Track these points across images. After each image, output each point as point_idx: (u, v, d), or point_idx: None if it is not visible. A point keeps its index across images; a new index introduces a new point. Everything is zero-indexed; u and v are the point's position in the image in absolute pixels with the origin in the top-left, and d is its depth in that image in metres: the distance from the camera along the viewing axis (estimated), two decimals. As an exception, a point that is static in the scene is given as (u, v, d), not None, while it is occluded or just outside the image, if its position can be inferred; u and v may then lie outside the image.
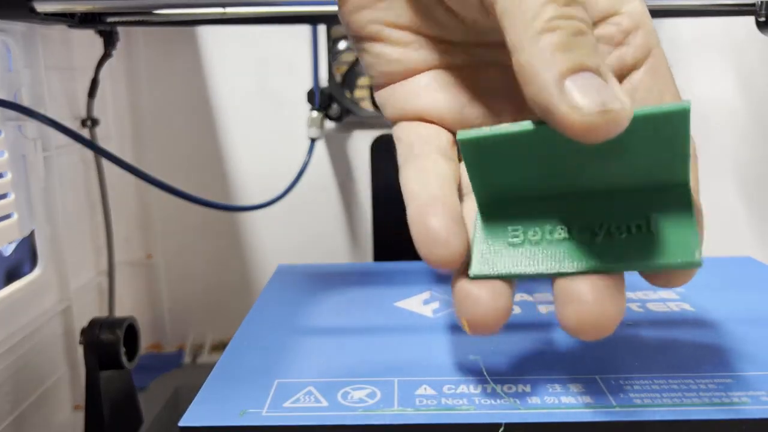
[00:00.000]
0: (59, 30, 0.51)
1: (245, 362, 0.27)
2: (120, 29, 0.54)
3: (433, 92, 0.23)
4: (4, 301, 0.43)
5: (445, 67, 0.23)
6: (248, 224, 0.67)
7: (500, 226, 0.21)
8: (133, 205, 0.65)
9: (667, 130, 0.18)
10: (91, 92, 0.54)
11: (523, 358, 0.26)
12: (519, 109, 0.22)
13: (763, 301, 0.33)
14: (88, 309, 0.55)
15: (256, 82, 0.65)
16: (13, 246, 0.47)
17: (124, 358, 0.41)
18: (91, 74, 0.54)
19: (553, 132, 0.18)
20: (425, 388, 0.24)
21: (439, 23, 0.22)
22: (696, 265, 0.19)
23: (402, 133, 0.23)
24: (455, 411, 0.22)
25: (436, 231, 0.19)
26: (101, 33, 0.52)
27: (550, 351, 0.27)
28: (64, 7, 0.41)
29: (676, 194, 0.20)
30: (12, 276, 0.48)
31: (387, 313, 0.32)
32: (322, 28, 0.62)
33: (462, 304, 0.20)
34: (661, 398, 0.23)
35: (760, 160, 0.62)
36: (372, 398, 0.23)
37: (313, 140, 0.63)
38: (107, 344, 0.40)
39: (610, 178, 0.20)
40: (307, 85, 0.63)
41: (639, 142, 0.19)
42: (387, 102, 0.24)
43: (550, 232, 0.21)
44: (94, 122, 0.55)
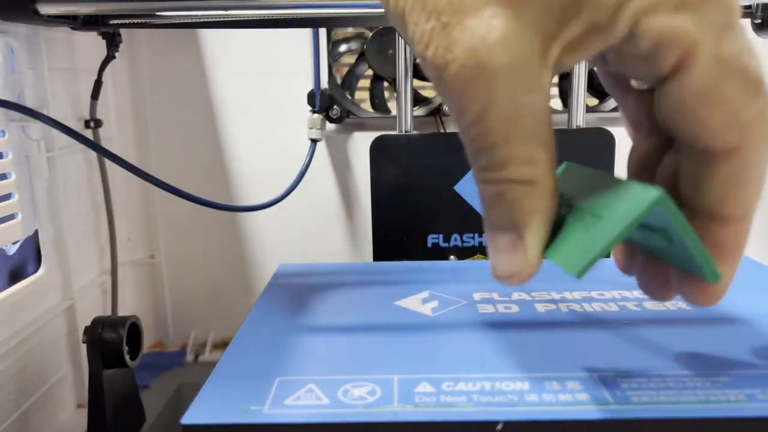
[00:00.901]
0: (62, 32, 0.51)
1: (247, 360, 0.27)
2: (123, 31, 0.54)
3: None
4: (8, 300, 0.44)
5: None
6: (249, 224, 0.68)
7: None
8: (136, 205, 0.65)
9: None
10: (95, 93, 0.54)
11: (521, 356, 0.27)
12: None
13: (761, 300, 0.33)
14: (92, 308, 0.55)
15: (257, 83, 0.65)
16: (17, 246, 0.48)
17: (126, 357, 0.41)
18: (94, 76, 0.54)
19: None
20: (425, 386, 0.24)
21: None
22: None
23: None
24: (454, 408, 0.23)
25: None
26: (104, 35, 0.53)
27: (549, 349, 0.28)
28: (67, 9, 0.42)
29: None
30: (16, 275, 0.48)
31: (387, 311, 0.33)
32: (322, 31, 0.62)
33: None
34: (658, 396, 0.23)
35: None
36: (372, 395, 0.24)
37: (313, 141, 0.64)
38: (110, 343, 0.40)
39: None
40: (308, 87, 0.64)
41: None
42: None
43: None
44: (98, 123, 0.55)
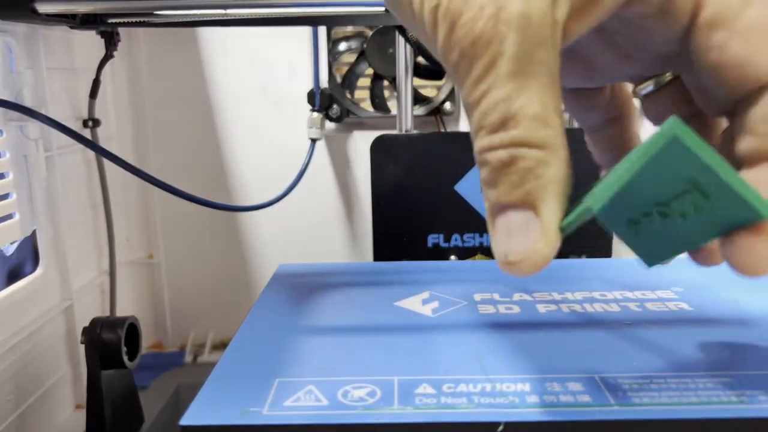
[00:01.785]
0: (61, 31, 0.51)
1: (246, 361, 0.27)
2: (121, 30, 0.54)
3: None
4: (6, 300, 0.43)
5: None
6: (249, 224, 0.67)
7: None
8: (135, 205, 0.65)
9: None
10: (93, 93, 0.54)
11: (522, 357, 0.26)
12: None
13: (761, 301, 0.33)
14: (90, 308, 0.55)
15: (256, 83, 0.65)
16: (15, 246, 0.48)
17: (125, 358, 0.41)
18: (92, 75, 0.54)
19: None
20: (425, 387, 0.24)
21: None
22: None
23: None
24: (455, 410, 0.23)
25: None
26: (102, 34, 0.53)
27: (550, 350, 0.27)
28: (65, 8, 0.41)
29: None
30: (14, 276, 0.48)
31: (387, 312, 0.33)
32: (322, 30, 0.62)
33: None
34: (660, 397, 0.23)
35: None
36: (372, 397, 0.24)
37: (313, 141, 0.63)
38: (109, 344, 0.40)
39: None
40: (308, 86, 0.64)
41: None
42: None
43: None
44: (96, 123, 0.55)
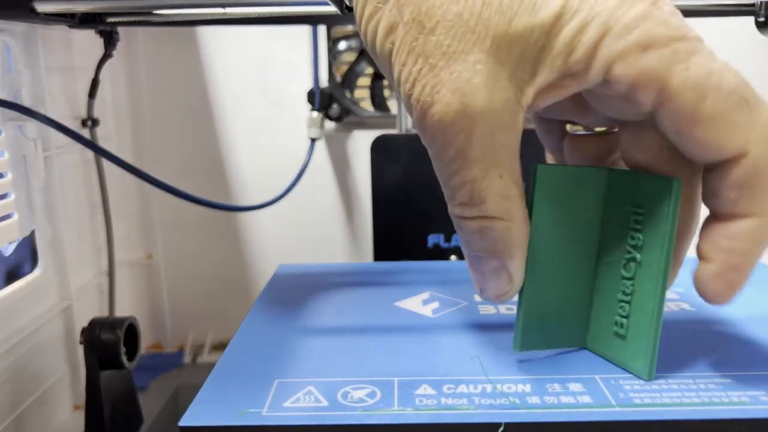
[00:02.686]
0: (60, 30, 0.51)
1: (245, 362, 0.27)
2: (120, 29, 0.54)
3: None
4: (5, 301, 0.43)
5: None
6: (248, 224, 0.67)
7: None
8: (134, 205, 0.65)
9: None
10: (92, 92, 0.54)
11: (523, 357, 0.26)
12: None
13: (762, 300, 0.33)
14: (89, 309, 0.55)
15: (256, 82, 0.65)
16: (13, 246, 0.47)
17: (124, 358, 0.41)
18: (91, 74, 0.54)
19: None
20: (425, 388, 0.24)
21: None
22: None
23: None
24: (455, 411, 0.22)
25: None
26: (101, 33, 0.52)
27: (550, 350, 0.27)
28: (64, 7, 0.41)
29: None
30: (12, 276, 0.48)
31: (387, 313, 0.32)
32: (322, 29, 0.62)
33: None
34: (661, 398, 0.23)
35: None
36: (372, 398, 0.23)
37: (313, 140, 0.63)
38: (107, 344, 0.40)
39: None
40: (308, 85, 0.63)
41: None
42: None
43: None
44: (95, 122, 0.55)
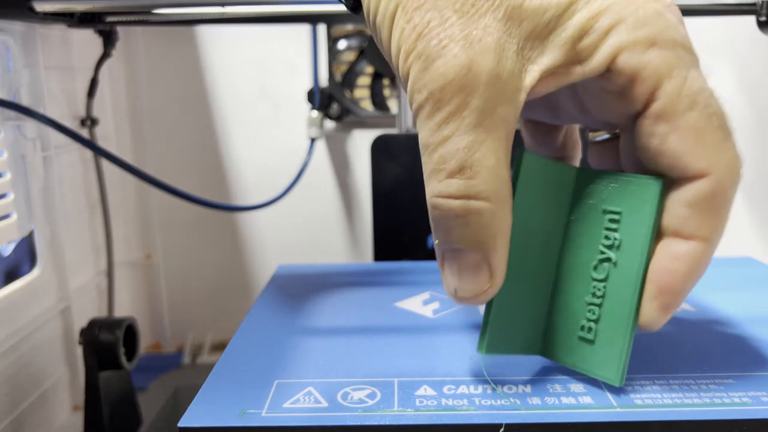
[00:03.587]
0: (58, 30, 0.51)
1: (245, 363, 0.27)
2: (119, 29, 0.54)
3: None
4: (3, 301, 0.43)
5: None
6: (248, 224, 0.67)
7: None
8: (133, 205, 0.65)
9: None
10: (91, 92, 0.54)
11: (523, 358, 0.26)
12: None
13: (763, 300, 0.33)
14: (88, 309, 0.55)
15: (255, 81, 0.64)
16: (12, 246, 0.47)
17: (123, 359, 0.40)
18: (90, 74, 0.54)
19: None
20: (425, 389, 0.24)
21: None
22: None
23: None
24: (455, 411, 0.22)
25: None
26: (100, 32, 0.52)
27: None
28: (63, 6, 0.41)
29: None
30: (11, 276, 0.48)
31: (387, 313, 0.32)
32: (322, 28, 0.62)
33: None
34: (662, 398, 0.23)
35: (760, 161, 0.62)
36: (372, 399, 0.23)
37: (313, 140, 0.63)
38: (106, 345, 0.40)
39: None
40: (307, 84, 0.63)
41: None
42: None
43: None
44: (94, 122, 0.55)
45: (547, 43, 0.20)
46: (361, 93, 0.65)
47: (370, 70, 0.63)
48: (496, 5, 0.19)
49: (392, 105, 0.65)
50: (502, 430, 0.22)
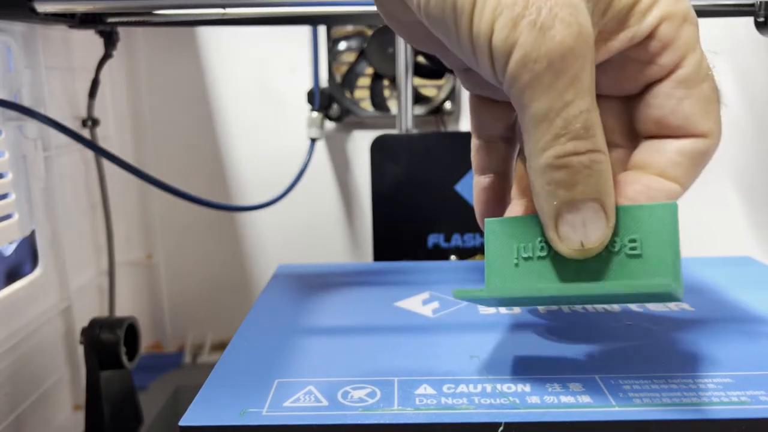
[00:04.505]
0: (60, 30, 0.51)
1: (245, 362, 0.27)
2: (120, 29, 0.54)
3: None
4: (5, 301, 0.43)
5: None
6: (248, 224, 0.67)
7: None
8: (134, 205, 0.65)
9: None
10: (92, 92, 0.54)
11: (522, 357, 0.26)
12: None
13: (762, 300, 0.33)
14: (89, 309, 0.55)
15: (256, 82, 0.65)
16: (13, 246, 0.47)
17: (124, 358, 0.41)
18: (91, 74, 0.54)
19: None
20: (425, 388, 0.24)
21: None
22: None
23: None
24: (455, 410, 0.22)
25: None
26: (101, 33, 0.52)
27: (550, 350, 0.27)
28: (64, 7, 0.41)
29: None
30: (12, 276, 0.48)
31: (387, 313, 0.32)
32: (322, 29, 0.62)
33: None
34: (661, 398, 0.23)
35: (759, 161, 0.62)
36: (372, 398, 0.23)
37: (313, 140, 0.63)
38: (107, 344, 0.40)
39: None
40: (307, 85, 0.63)
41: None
42: None
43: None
44: (95, 122, 0.55)
45: (609, 6, 0.22)
46: (361, 93, 0.65)
47: (370, 70, 0.63)
48: None
49: (392, 105, 0.65)
50: (501, 429, 0.22)
